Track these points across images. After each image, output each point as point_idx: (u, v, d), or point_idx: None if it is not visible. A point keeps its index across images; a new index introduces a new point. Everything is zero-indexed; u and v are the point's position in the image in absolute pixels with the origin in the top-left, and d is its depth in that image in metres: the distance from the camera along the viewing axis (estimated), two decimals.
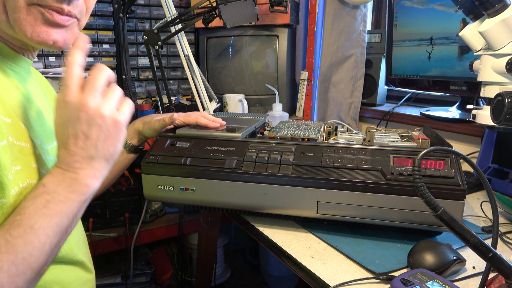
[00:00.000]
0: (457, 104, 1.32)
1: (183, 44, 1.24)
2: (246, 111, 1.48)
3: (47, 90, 0.77)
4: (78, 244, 0.68)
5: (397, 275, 0.59)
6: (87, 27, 1.46)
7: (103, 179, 0.54)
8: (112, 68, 1.56)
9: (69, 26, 0.56)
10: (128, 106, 0.56)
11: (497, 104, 0.77)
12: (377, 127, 1.02)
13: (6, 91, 0.55)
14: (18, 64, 0.60)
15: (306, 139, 0.87)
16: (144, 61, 1.65)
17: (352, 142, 0.83)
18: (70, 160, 0.51)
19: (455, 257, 0.64)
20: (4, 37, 0.56)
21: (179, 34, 1.22)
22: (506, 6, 0.79)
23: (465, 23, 1.06)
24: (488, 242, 0.48)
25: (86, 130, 0.51)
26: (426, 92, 1.47)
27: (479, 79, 0.91)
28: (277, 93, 1.36)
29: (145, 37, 1.17)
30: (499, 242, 0.76)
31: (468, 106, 0.96)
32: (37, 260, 0.46)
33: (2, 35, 0.56)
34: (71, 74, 0.55)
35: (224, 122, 0.94)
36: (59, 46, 0.55)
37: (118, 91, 0.55)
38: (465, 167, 1.10)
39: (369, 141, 0.94)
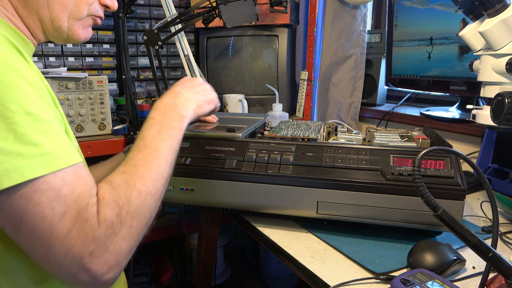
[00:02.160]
0: (457, 104, 1.32)
1: (183, 44, 1.24)
2: (246, 111, 1.48)
3: None
4: None
5: (397, 275, 0.59)
6: None
7: (193, 117, 0.72)
8: (112, 68, 1.57)
9: None
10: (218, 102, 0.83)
11: (497, 104, 0.77)
12: (377, 127, 1.02)
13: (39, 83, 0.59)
14: (28, 52, 0.63)
15: (306, 139, 0.87)
16: (144, 61, 1.65)
17: (352, 142, 0.83)
18: (173, 96, 0.71)
19: (455, 257, 0.64)
20: (18, 25, 0.61)
21: (179, 34, 1.22)
22: (506, 6, 0.79)
23: (465, 23, 1.06)
24: (488, 242, 0.48)
25: (193, 84, 0.77)
26: (426, 92, 1.47)
27: (479, 79, 0.91)
28: (277, 93, 1.36)
29: (145, 37, 1.17)
30: (499, 242, 0.76)
31: (468, 106, 0.96)
32: (164, 170, 0.60)
33: (16, 22, 0.60)
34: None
35: (217, 118, 0.99)
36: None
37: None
38: (465, 167, 1.10)
39: (369, 141, 0.94)
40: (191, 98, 0.73)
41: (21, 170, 0.45)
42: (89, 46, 1.50)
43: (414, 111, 1.44)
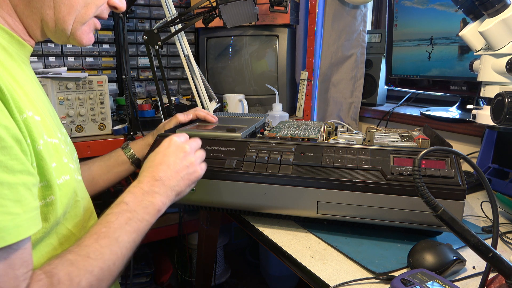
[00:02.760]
0: (457, 104, 1.32)
1: (183, 44, 1.24)
2: (246, 111, 1.48)
3: None
4: None
5: (397, 275, 0.59)
6: None
7: (167, 206, 0.64)
8: (112, 68, 1.57)
9: None
10: (204, 167, 0.72)
11: (497, 104, 0.77)
12: (377, 127, 1.02)
13: (29, 85, 0.56)
14: (25, 54, 0.60)
15: (306, 139, 0.87)
16: (144, 61, 1.65)
17: (352, 142, 0.83)
18: (153, 183, 0.62)
19: (455, 257, 0.64)
20: (14, 26, 0.57)
21: (179, 34, 1.22)
22: (506, 6, 0.79)
23: (465, 23, 1.06)
24: (488, 242, 0.48)
25: (178, 165, 0.66)
26: (426, 92, 1.47)
27: (479, 79, 0.91)
28: (277, 93, 1.36)
29: (145, 37, 1.17)
30: (499, 242, 0.76)
31: (468, 106, 0.96)
32: (117, 268, 0.53)
33: (12, 23, 0.57)
34: (184, 134, 0.72)
35: (217, 118, 0.98)
36: None
37: (203, 153, 0.73)
38: (465, 167, 1.10)
39: (369, 141, 0.94)
40: (172, 187, 0.64)
41: None
42: (89, 46, 1.50)
43: (414, 111, 1.44)
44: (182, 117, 0.95)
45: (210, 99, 1.32)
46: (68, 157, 0.59)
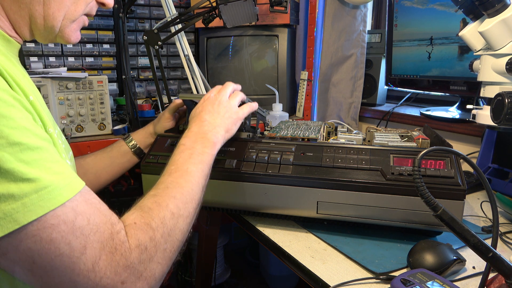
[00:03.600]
0: (457, 104, 1.32)
1: (183, 44, 1.24)
2: None
3: None
4: None
5: (397, 275, 0.59)
6: (87, 27, 1.47)
7: (223, 142, 0.72)
8: (112, 68, 1.57)
9: None
10: (248, 108, 0.80)
11: (497, 104, 0.77)
12: (377, 127, 1.02)
13: (22, 80, 0.55)
14: (12, 50, 0.60)
15: (306, 139, 0.87)
16: (144, 61, 1.65)
17: (352, 142, 0.83)
18: (201, 124, 0.70)
19: (455, 257, 0.64)
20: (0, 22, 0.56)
21: (179, 34, 1.22)
22: (506, 6, 0.79)
23: (465, 23, 1.06)
24: (488, 242, 0.48)
25: (217, 108, 0.74)
26: (426, 92, 1.47)
27: (479, 79, 0.91)
28: (277, 93, 1.36)
29: (145, 37, 1.17)
30: (499, 242, 0.76)
31: (468, 106, 0.96)
32: (196, 193, 0.60)
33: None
34: (217, 86, 0.81)
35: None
36: None
37: (240, 95, 0.80)
38: (465, 167, 1.10)
39: (369, 141, 0.94)
40: (218, 124, 0.72)
41: (13, 215, 0.40)
42: (89, 46, 1.50)
43: (414, 111, 1.44)
44: (177, 100, 0.96)
45: None
46: (65, 153, 0.60)
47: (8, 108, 0.42)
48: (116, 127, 1.23)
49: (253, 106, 0.82)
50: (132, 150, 0.93)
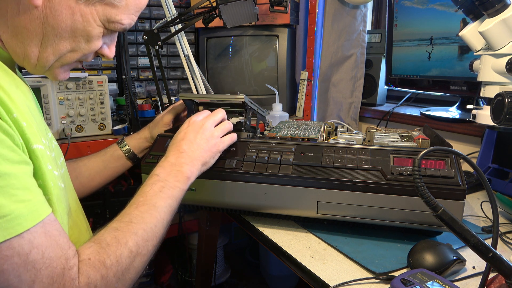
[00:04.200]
0: (457, 104, 1.32)
1: (183, 44, 1.24)
2: None
3: None
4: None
5: (397, 275, 0.59)
6: None
7: (197, 175, 0.70)
8: (112, 68, 1.57)
9: None
10: (229, 139, 0.78)
11: (497, 104, 0.77)
12: (377, 127, 1.02)
13: (13, 90, 0.55)
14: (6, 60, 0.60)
15: (306, 139, 0.87)
16: (144, 61, 1.65)
17: (352, 142, 0.83)
18: (179, 155, 0.69)
19: (455, 257, 0.64)
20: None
21: (179, 34, 1.22)
22: (506, 6, 0.79)
23: (465, 23, 1.06)
24: (488, 242, 0.48)
25: (198, 139, 0.72)
26: (426, 92, 1.47)
27: (479, 79, 0.91)
28: (277, 93, 1.36)
29: (145, 37, 1.17)
30: (499, 242, 0.76)
31: (468, 106, 0.96)
32: (159, 230, 0.59)
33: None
34: (205, 111, 0.79)
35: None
36: None
37: (227, 125, 0.78)
38: (465, 167, 1.10)
39: (369, 141, 0.94)
40: (196, 157, 0.70)
41: None
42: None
43: (414, 111, 1.44)
44: (177, 104, 0.95)
45: None
46: (53, 163, 0.59)
47: None
48: (116, 127, 1.23)
49: (233, 137, 0.80)
50: (126, 155, 0.92)
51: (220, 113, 0.79)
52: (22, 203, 0.44)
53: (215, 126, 0.77)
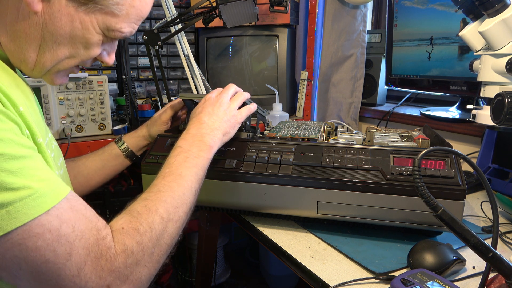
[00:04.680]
0: (457, 104, 1.32)
1: (183, 44, 1.24)
2: None
3: None
4: None
5: (397, 275, 0.59)
6: None
7: (220, 145, 0.72)
8: (112, 68, 1.57)
9: None
10: (246, 111, 0.79)
11: (497, 104, 0.77)
12: (377, 127, 1.02)
13: (14, 89, 0.55)
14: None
15: (306, 139, 0.87)
16: (144, 61, 1.65)
17: (352, 142, 0.83)
18: (199, 127, 0.70)
19: (455, 257, 0.64)
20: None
21: (179, 34, 1.22)
22: (506, 6, 0.79)
23: (465, 23, 1.06)
24: (488, 242, 0.48)
25: (217, 111, 0.73)
26: (426, 92, 1.47)
27: (479, 79, 0.91)
28: (277, 93, 1.36)
29: (145, 37, 1.17)
30: (499, 242, 0.76)
31: (468, 106, 0.96)
32: (188, 198, 0.60)
33: None
34: (218, 89, 0.80)
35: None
36: None
37: (241, 98, 0.79)
38: (465, 167, 1.10)
39: (369, 141, 0.94)
40: (217, 127, 0.71)
41: None
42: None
43: (414, 111, 1.44)
44: (175, 102, 0.95)
45: None
46: (52, 163, 0.59)
47: None
48: (116, 127, 1.23)
49: (251, 108, 0.81)
50: (124, 153, 0.91)
51: (232, 87, 0.79)
52: (43, 182, 0.45)
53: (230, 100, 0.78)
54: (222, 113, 0.74)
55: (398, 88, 1.51)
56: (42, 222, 0.43)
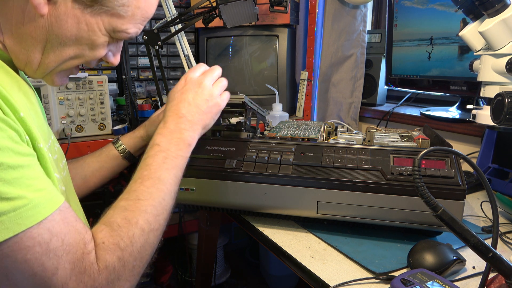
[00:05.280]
0: (457, 104, 1.32)
1: (183, 44, 1.24)
2: None
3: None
4: None
5: (397, 275, 0.59)
6: None
7: (197, 140, 0.68)
8: (112, 68, 1.57)
9: None
10: (227, 96, 0.74)
11: (497, 104, 0.77)
12: (377, 127, 1.02)
13: (15, 93, 0.55)
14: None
15: (306, 139, 0.87)
16: (144, 61, 1.65)
17: (352, 142, 0.83)
18: (178, 121, 0.66)
19: (455, 257, 0.64)
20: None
21: (179, 34, 1.22)
22: (506, 6, 0.79)
23: (465, 23, 1.06)
24: (488, 242, 0.48)
25: (198, 100, 0.68)
26: (426, 92, 1.47)
27: (479, 79, 0.91)
28: (277, 93, 1.36)
29: (145, 37, 1.17)
30: (499, 242, 0.76)
31: (468, 106, 0.96)
32: (168, 203, 0.58)
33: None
34: (201, 65, 0.74)
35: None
36: None
37: (224, 82, 0.74)
38: (465, 167, 1.10)
39: (369, 141, 0.94)
40: (196, 121, 0.67)
41: None
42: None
43: (414, 111, 1.44)
44: None
45: None
46: (54, 166, 0.59)
47: None
48: (116, 127, 1.23)
49: (229, 94, 0.76)
50: (122, 154, 0.91)
51: (218, 70, 0.74)
52: (39, 192, 0.45)
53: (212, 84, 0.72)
54: (203, 102, 0.69)
55: (398, 88, 1.51)
56: (33, 235, 0.43)
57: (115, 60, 0.63)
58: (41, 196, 0.45)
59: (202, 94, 0.69)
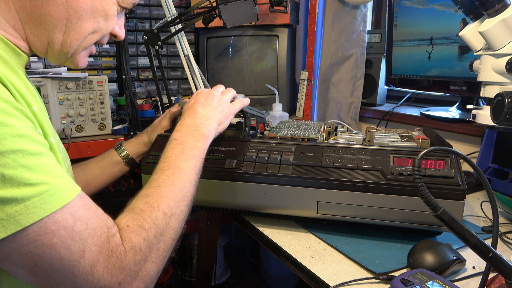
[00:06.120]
0: (457, 104, 1.32)
1: (183, 44, 1.24)
2: None
3: None
4: None
5: (397, 275, 0.59)
6: None
7: (215, 135, 0.72)
8: (112, 68, 1.57)
9: None
10: (239, 103, 0.80)
11: (497, 104, 0.77)
12: (377, 127, 1.02)
13: (25, 92, 0.56)
14: (20, 63, 0.60)
15: (306, 139, 0.87)
16: (144, 61, 1.65)
17: (352, 142, 0.83)
18: (194, 117, 0.71)
19: (455, 257, 0.64)
20: (13, 37, 0.57)
21: (179, 34, 1.22)
22: (506, 6, 0.79)
23: (465, 23, 1.06)
24: (488, 242, 0.48)
25: (210, 101, 0.75)
26: (426, 92, 1.47)
27: (479, 79, 0.91)
28: (277, 93, 1.36)
29: (145, 37, 1.17)
30: (499, 242, 0.76)
31: (468, 106, 0.96)
32: (188, 190, 0.60)
33: (12, 34, 0.57)
34: (207, 88, 0.81)
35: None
36: None
37: (232, 92, 0.81)
38: (465, 167, 1.10)
39: (369, 141, 0.94)
40: (211, 117, 0.72)
41: (16, 217, 0.41)
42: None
43: (414, 111, 1.44)
44: (174, 109, 0.96)
45: None
46: (62, 163, 0.60)
47: (10, 118, 0.45)
48: (116, 127, 1.23)
49: (244, 101, 0.82)
50: (124, 160, 0.92)
51: (221, 87, 0.81)
52: (59, 179, 0.46)
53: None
54: (215, 103, 0.75)
55: (398, 88, 1.51)
56: (57, 219, 0.44)
57: (122, 32, 0.66)
58: (61, 182, 0.46)
59: (213, 98, 0.76)
